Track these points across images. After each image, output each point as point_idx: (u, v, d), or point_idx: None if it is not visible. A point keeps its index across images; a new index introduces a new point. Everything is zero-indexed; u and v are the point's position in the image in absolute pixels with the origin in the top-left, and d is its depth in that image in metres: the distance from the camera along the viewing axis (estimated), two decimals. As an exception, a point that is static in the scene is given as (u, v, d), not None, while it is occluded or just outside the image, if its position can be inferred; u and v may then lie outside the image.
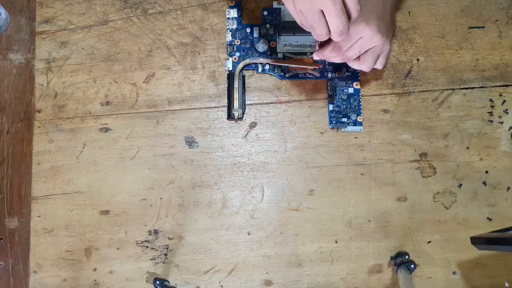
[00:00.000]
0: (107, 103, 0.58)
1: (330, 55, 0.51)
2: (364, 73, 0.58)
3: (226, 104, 0.57)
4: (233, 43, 0.58)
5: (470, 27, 0.59)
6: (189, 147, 0.57)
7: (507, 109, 0.58)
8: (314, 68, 0.57)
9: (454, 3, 0.60)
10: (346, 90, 0.58)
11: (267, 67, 0.58)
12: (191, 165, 0.57)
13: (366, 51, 0.50)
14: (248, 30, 0.59)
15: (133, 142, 0.57)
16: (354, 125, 0.57)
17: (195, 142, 0.57)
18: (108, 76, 0.58)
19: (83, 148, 0.57)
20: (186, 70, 0.58)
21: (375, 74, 0.58)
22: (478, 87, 0.58)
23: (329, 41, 0.50)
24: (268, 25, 0.59)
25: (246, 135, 0.57)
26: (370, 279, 0.55)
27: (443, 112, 0.58)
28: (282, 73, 0.58)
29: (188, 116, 0.58)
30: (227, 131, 0.57)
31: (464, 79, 0.58)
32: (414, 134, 0.57)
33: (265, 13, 0.59)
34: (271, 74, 0.58)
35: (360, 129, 0.57)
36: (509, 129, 0.57)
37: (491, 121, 0.58)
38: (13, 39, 0.59)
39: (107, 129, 0.57)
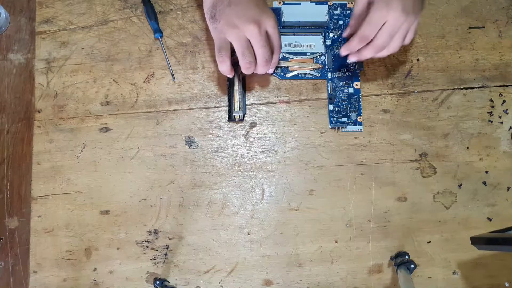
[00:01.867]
0: (107, 103, 0.58)
1: (358, 46, 0.48)
2: (364, 73, 0.58)
3: (226, 104, 0.57)
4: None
5: (470, 27, 0.59)
6: (189, 147, 0.57)
7: (507, 109, 0.58)
8: (314, 68, 0.57)
9: (454, 3, 0.60)
10: (346, 90, 0.58)
11: None
12: (191, 165, 0.57)
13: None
14: None
15: (133, 142, 0.57)
16: (354, 125, 0.57)
17: (195, 142, 0.57)
18: (108, 76, 0.58)
19: (83, 148, 0.57)
20: (186, 70, 0.58)
21: (375, 74, 0.58)
22: (478, 87, 0.58)
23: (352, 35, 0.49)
24: None
25: (246, 135, 0.57)
26: (370, 279, 0.55)
27: (443, 112, 0.58)
28: (282, 73, 0.58)
29: (188, 116, 0.58)
30: (227, 131, 0.57)
31: (464, 79, 0.58)
32: (414, 134, 0.57)
33: None
34: (271, 74, 0.58)
35: (360, 129, 0.57)
36: (509, 129, 0.57)
37: (491, 121, 0.58)
38: (13, 39, 0.59)
39: (107, 129, 0.57)
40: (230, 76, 0.52)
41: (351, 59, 0.50)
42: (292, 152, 0.57)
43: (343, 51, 0.50)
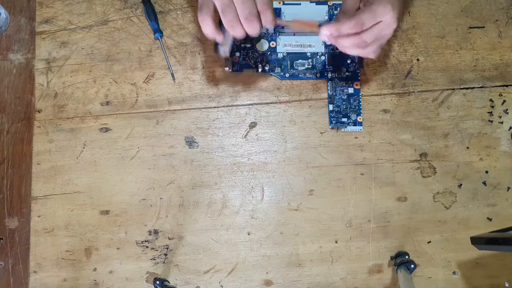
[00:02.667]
0: (107, 103, 0.58)
1: (349, 31, 0.46)
2: (364, 73, 0.58)
3: (226, 104, 0.57)
4: (233, 44, 0.58)
5: (470, 27, 0.59)
6: (189, 147, 0.57)
7: (507, 109, 0.58)
8: (319, 24, 0.50)
9: (454, 3, 0.60)
10: (346, 90, 0.58)
11: (267, 67, 0.58)
12: (191, 165, 0.57)
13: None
14: None
15: (133, 142, 0.57)
16: (354, 125, 0.57)
17: (195, 142, 0.57)
18: (108, 76, 0.58)
19: (83, 148, 0.57)
20: (186, 70, 0.58)
21: (375, 74, 0.58)
22: (478, 87, 0.58)
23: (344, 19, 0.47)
24: None
25: (246, 135, 0.57)
26: (370, 279, 0.55)
27: (443, 112, 0.58)
28: (282, 73, 0.58)
29: (188, 116, 0.58)
30: (227, 131, 0.57)
31: (464, 79, 0.58)
32: (414, 134, 0.57)
33: None
34: (271, 74, 0.58)
35: (360, 129, 0.57)
36: (509, 129, 0.57)
37: (491, 121, 0.58)
38: (13, 39, 0.59)
39: (107, 129, 0.57)
40: (218, 39, 0.47)
41: (325, 38, 0.48)
42: (292, 152, 0.57)
43: (329, 30, 0.46)
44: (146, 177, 0.56)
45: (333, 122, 0.57)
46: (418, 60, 0.59)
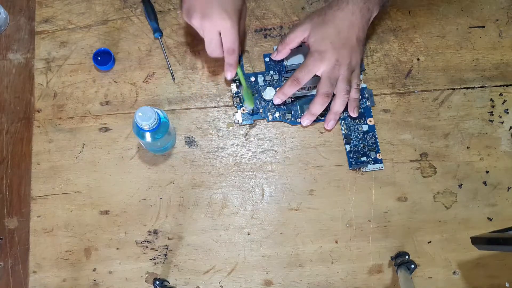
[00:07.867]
0: (107, 103, 0.58)
1: (290, 91, 0.53)
2: (365, 72, 0.58)
3: (226, 104, 0.57)
4: (239, 94, 0.57)
5: (471, 27, 0.59)
6: (189, 147, 0.57)
7: (507, 109, 0.58)
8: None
9: (455, 2, 0.60)
10: (360, 128, 0.57)
11: (277, 114, 0.57)
12: (191, 165, 0.57)
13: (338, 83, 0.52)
14: (253, 79, 0.58)
15: (133, 142, 0.57)
16: (374, 163, 0.56)
17: (195, 142, 0.57)
18: (107, 76, 0.58)
19: (83, 148, 0.57)
20: (186, 69, 0.58)
21: (376, 74, 0.58)
22: (479, 87, 0.58)
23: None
24: (272, 71, 0.58)
25: (246, 135, 0.57)
26: (370, 279, 0.55)
27: (444, 112, 0.58)
28: (293, 119, 0.57)
29: (188, 116, 0.57)
30: (227, 130, 0.57)
31: (465, 79, 0.58)
32: (414, 134, 0.57)
33: (267, 59, 0.58)
34: (282, 121, 0.57)
35: (381, 167, 0.56)
36: (510, 129, 0.57)
37: (492, 121, 0.57)
38: (12, 39, 0.59)
39: (106, 129, 0.57)
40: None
41: (278, 101, 0.55)
42: (292, 152, 0.57)
43: (278, 97, 0.55)
44: (146, 177, 0.56)
45: (353, 163, 0.56)
46: (418, 59, 0.59)
